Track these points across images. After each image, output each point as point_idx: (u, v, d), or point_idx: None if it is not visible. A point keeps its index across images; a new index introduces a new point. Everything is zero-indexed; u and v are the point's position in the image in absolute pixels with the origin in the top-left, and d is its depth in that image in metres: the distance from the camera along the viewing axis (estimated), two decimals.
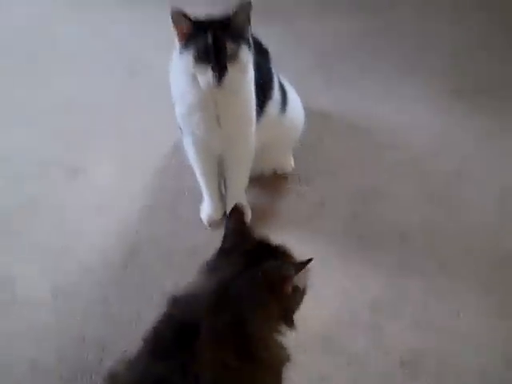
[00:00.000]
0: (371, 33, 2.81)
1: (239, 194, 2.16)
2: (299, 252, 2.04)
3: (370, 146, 2.37)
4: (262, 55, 1.99)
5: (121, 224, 2.19)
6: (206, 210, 2.17)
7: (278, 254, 1.48)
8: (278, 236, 2.07)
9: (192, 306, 1.37)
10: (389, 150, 2.36)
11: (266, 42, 2.08)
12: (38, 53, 2.81)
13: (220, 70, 1.74)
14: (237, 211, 1.49)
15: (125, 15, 2.98)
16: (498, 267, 2.03)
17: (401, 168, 2.30)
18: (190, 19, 1.76)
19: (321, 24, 2.84)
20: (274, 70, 2.05)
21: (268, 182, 2.28)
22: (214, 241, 2.05)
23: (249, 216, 2.16)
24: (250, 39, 1.82)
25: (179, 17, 1.75)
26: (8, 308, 1.99)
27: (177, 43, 1.81)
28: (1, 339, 1.91)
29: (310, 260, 1.41)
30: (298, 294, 1.44)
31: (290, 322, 1.44)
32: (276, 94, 2.04)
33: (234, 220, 1.49)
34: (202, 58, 1.75)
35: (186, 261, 2.06)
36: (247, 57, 1.80)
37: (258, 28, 2.57)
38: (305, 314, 1.91)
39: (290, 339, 1.47)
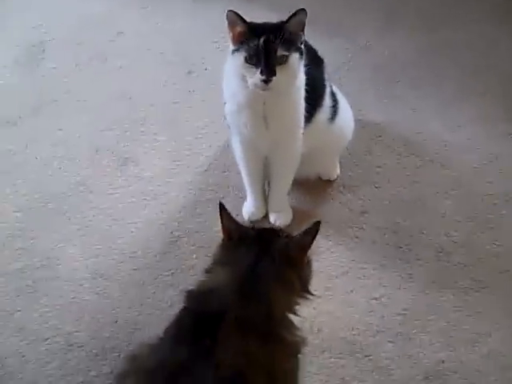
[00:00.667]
0: (430, 50, 2.81)
1: (282, 196, 2.19)
2: (336, 257, 2.10)
3: (419, 162, 2.37)
4: (316, 63, 2.03)
5: (164, 214, 2.25)
6: (248, 208, 2.21)
7: (282, 234, 1.57)
8: (316, 241, 2.14)
9: (213, 299, 1.42)
10: (438, 167, 2.35)
11: (325, 52, 2.12)
12: (102, 46, 2.90)
13: (268, 74, 1.78)
14: (224, 208, 1.56)
15: (188, 15, 3.05)
16: None
17: (447, 185, 2.29)
18: (244, 21, 1.81)
19: (381, 39, 2.85)
20: (327, 79, 2.08)
21: (312, 186, 2.30)
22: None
23: (290, 218, 2.19)
24: (303, 47, 1.85)
25: (234, 18, 1.81)
26: (50, 284, 2.06)
27: (230, 44, 1.86)
28: (41, 313, 1.99)
29: (318, 223, 1.49)
30: (310, 263, 1.54)
31: (309, 292, 1.52)
32: (327, 101, 2.06)
33: (227, 216, 1.56)
34: (252, 60, 1.79)
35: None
36: (297, 64, 1.83)
37: (320, 39, 2.64)
38: (334, 316, 1.95)
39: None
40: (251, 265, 1.44)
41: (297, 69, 1.84)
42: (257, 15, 2.89)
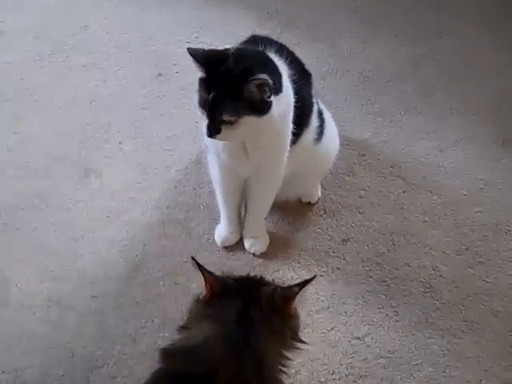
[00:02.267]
0: (418, 62, 2.63)
1: (259, 221, 2.02)
2: (314, 290, 1.93)
3: (405, 186, 2.20)
4: (303, 79, 1.84)
5: (129, 234, 2.06)
6: (222, 232, 2.03)
7: (266, 282, 1.45)
8: (294, 270, 1.98)
9: (199, 358, 1.26)
10: (425, 193, 2.19)
11: (305, 59, 1.93)
12: (64, 41, 2.67)
13: (211, 131, 1.62)
14: (200, 265, 1.39)
15: (159, 12, 2.82)
16: None
17: (435, 213, 2.14)
18: (203, 67, 1.62)
19: (366, 47, 2.67)
20: (314, 95, 1.91)
21: (291, 209, 2.12)
22: (224, 264, 1.96)
23: (266, 245, 2.02)
24: (271, 99, 1.63)
25: (194, 61, 1.62)
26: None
27: None
28: None
29: (313, 278, 1.40)
30: (296, 313, 1.42)
31: (299, 340, 1.41)
32: (314, 121, 1.89)
33: (207, 272, 1.38)
34: (201, 108, 1.63)
35: (191, 283, 1.91)
36: (254, 124, 1.63)
37: (300, 43, 2.48)
38: (313, 357, 1.79)
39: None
40: (238, 316, 1.31)
41: (254, 128, 1.65)
42: (233, 16, 2.78)
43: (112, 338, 1.82)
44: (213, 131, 1.62)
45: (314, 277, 1.39)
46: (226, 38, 1.65)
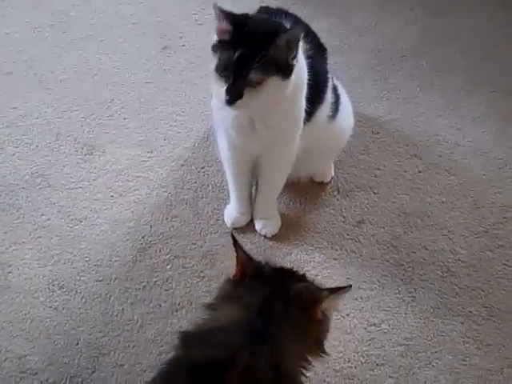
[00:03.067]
0: (436, 36, 2.53)
1: (270, 202, 1.94)
2: (327, 274, 1.86)
3: (421, 165, 2.12)
4: (319, 54, 1.75)
5: (134, 215, 1.98)
6: (231, 213, 1.94)
7: (303, 279, 1.37)
8: (307, 253, 1.90)
9: (218, 343, 1.21)
10: (442, 172, 2.11)
11: (318, 33, 1.83)
12: (65, 11, 2.56)
13: (232, 95, 1.51)
14: (237, 242, 1.32)
15: None
16: None
17: (453, 194, 2.05)
18: (230, 21, 1.51)
19: (379, 21, 2.57)
20: (329, 72, 1.82)
21: (303, 190, 2.04)
22: (233, 248, 1.87)
23: (278, 226, 1.94)
24: (295, 62, 1.55)
25: (220, 15, 1.51)
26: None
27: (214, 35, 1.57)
28: None
29: (348, 287, 1.31)
30: (326, 320, 1.33)
31: (322, 350, 1.33)
32: (328, 97, 1.80)
33: (242, 251, 1.32)
34: (221, 72, 1.52)
35: (201, 267, 1.87)
36: (277, 88, 1.54)
37: (312, 17, 2.37)
38: (327, 344, 1.71)
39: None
40: (262, 304, 1.25)
41: (276, 94, 1.55)
42: None
43: (118, 324, 1.75)
44: (234, 95, 1.51)
45: (350, 286, 1.30)
46: (235, 9, 1.54)
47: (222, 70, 1.52)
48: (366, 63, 2.42)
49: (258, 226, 1.94)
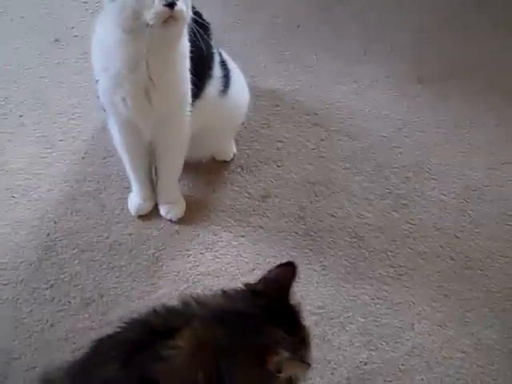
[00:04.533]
0: (328, 5, 2.54)
1: (172, 184, 1.92)
2: (236, 252, 1.85)
3: (323, 134, 2.13)
4: (201, 28, 1.73)
5: (37, 213, 1.93)
6: (135, 200, 1.92)
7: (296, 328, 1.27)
8: (215, 233, 1.90)
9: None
10: (343, 138, 2.12)
11: (209, 11, 1.82)
12: None
13: None
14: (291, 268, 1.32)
15: None
16: (456, 275, 1.85)
17: (355, 159, 2.07)
18: None
19: None
20: (214, 46, 1.80)
21: (205, 169, 2.03)
22: (141, 235, 1.86)
23: (183, 209, 1.93)
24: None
25: None
26: None
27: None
28: None
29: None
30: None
31: None
32: (216, 72, 1.80)
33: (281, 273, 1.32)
34: None
35: (109, 258, 1.84)
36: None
37: None
38: None
39: None
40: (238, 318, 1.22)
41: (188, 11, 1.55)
42: None
43: (28, 326, 1.71)
44: None
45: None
46: None
47: None
48: (261, 37, 2.41)
49: (162, 211, 1.92)
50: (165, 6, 1.48)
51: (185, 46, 1.64)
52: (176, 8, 1.49)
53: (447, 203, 1.99)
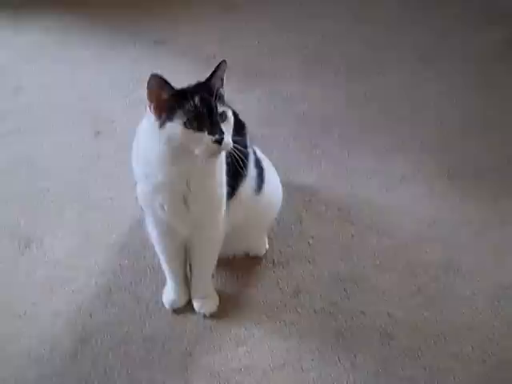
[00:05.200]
0: (358, 101, 2.62)
1: (205, 280, 1.96)
2: (270, 348, 1.87)
3: (354, 230, 2.17)
4: (237, 129, 1.80)
5: (73, 305, 1.98)
6: (169, 294, 1.96)
7: None
8: (247, 328, 1.92)
9: None
10: (374, 235, 2.16)
11: (243, 107, 1.90)
12: None
13: (220, 132, 1.57)
14: None
15: (95, 64, 2.77)
16: (489, 379, 1.83)
17: (386, 256, 2.10)
18: (172, 87, 1.58)
19: (305, 90, 2.65)
20: (249, 146, 1.87)
21: (238, 265, 2.07)
22: (174, 329, 1.89)
23: (216, 304, 1.96)
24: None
25: (160, 84, 1.56)
26: None
27: (151, 116, 1.60)
28: None
29: None
30: None
31: None
32: (251, 172, 1.86)
33: None
34: (193, 124, 1.56)
35: (142, 352, 1.86)
36: (231, 119, 1.64)
37: (238, 93, 2.44)
38: None
39: None
40: None
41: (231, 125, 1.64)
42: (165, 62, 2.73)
43: None
44: (220, 132, 1.56)
45: None
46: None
47: (193, 121, 1.56)
48: (293, 133, 2.49)
49: (196, 305, 1.96)
50: (214, 142, 1.56)
51: (223, 155, 1.70)
52: (224, 142, 1.57)
53: (478, 302, 1.99)
